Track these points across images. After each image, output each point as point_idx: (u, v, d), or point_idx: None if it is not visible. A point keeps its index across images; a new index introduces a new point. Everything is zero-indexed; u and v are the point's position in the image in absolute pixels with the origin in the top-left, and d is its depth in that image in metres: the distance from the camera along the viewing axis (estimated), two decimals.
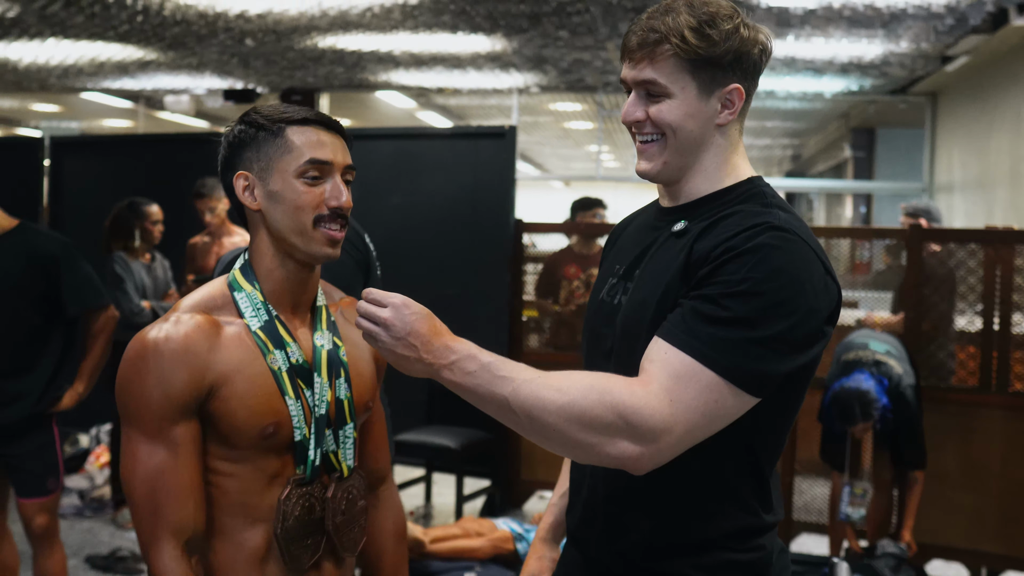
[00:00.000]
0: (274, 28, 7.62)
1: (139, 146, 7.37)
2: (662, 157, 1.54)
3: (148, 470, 1.51)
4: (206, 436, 1.57)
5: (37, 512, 3.49)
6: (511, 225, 5.66)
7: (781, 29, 7.25)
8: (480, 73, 9.49)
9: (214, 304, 1.61)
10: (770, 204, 1.50)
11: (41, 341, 3.52)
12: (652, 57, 1.50)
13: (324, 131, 1.61)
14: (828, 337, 1.46)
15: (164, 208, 5.41)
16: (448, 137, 6.21)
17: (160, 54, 8.73)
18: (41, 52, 8.62)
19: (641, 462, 1.39)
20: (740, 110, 1.54)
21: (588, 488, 1.60)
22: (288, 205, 1.58)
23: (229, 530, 1.59)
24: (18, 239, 3.47)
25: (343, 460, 1.66)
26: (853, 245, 6.14)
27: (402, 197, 5.87)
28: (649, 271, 1.54)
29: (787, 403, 1.50)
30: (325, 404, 1.63)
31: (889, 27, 7.04)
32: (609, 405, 1.37)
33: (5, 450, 3.49)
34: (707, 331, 1.39)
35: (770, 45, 1.55)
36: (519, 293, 5.67)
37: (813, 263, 1.43)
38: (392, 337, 1.43)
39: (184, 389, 1.52)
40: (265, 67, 9.36)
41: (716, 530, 1.49)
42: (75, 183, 6.81)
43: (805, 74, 9.01)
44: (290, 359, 1.60)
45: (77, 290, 3.51)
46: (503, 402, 1.40)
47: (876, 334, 4.40)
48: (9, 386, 3.46)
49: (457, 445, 5.13)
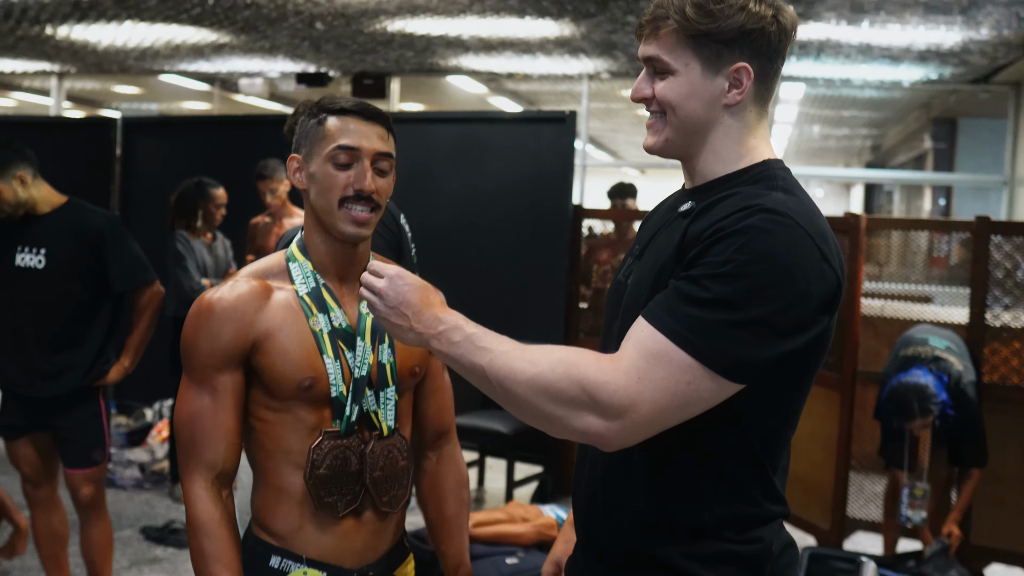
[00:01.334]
0: (343, 12, 7.67)
1: (209, 127, 7.50)
2: (663, 134, 1.52)
3: (191, 411, 1.72)
4: (252, 387, 1.75)
5: (83, 483, 3.60)
6: (569, 211, 5.62)
7: (855, 15, 7.06)
8: (549, 59, 9.43)
9: (270, 272, 1.79)
10: (774, 187, 1.46)
11: (89, 316, 3.61)
12: (656, 33, 1.49)
13: (360, 120, 1.77)
14: (823, 326, 1.41)
15: (230, 189, 5.50)
16: (509, 122, 6.18)
17: (233, 37, 8.85)
18: (119, 34, 8.80)
19: (607, 438, 1.38)
20: (753, 92, 1.50)
21: (589, 468, 1.59)
22: (320, 186, 1.75)
23: (272, 475, 1.75)
24: (66, 216, 3.56)
25: (383, 420, 1.78)
26: (931, 238, 5.97)
27: (463, 181, 5.87)
28: (651, 251, 1.54)
29: (784, 391, 1.46)
30: (367, 366, 1.77)
31: (968, 13, 6.80)
32: (575, 379, 1.37)
33: (54, 422, 3.59)
34: (685, 311, 1.36)
35: (791, 24, 1.50)
36: (577, 279, 5.64)
37: (807, 248, 1.38)
38: (386, 306, 1.53)
39: (230, 342, 1.70)
40: (336, 51, 9.43)
41: (711, 517, 1.46)
42: (146, 163, 6.96)
43: (881, 62, 8.77)
44: (332, 323, 1.76)
45: (124, 266, 3.58)
46: (480, 372, 1.44)
47: (937, 330, 4.29)
48: (59, 359, 3.56)
49: (509, 430, 5.13)
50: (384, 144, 1.77)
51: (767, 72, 1.51)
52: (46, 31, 8.72)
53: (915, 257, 5.79)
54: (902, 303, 5.68)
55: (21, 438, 3.61)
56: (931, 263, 7.28)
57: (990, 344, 4.50)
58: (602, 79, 10.52)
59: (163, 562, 4.49)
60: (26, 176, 3.50)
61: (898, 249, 5.65)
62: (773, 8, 1.48)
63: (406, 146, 6.10)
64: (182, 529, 4.71)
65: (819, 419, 4.61)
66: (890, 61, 8.72)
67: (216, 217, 5.33)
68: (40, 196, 3.55)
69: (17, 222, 3.55)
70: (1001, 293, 4.50)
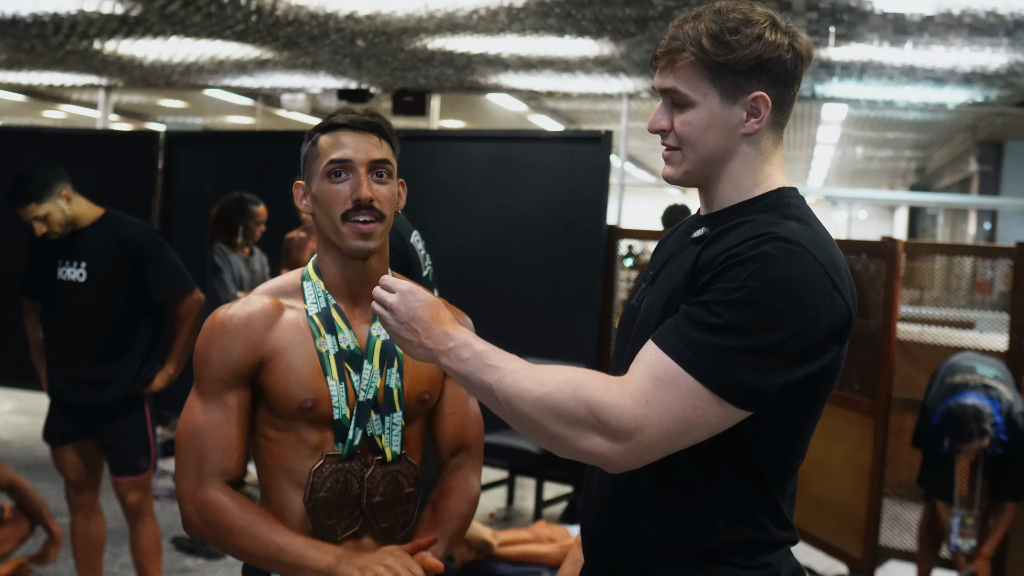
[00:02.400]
0: (383, 29, 7.74)
1: (250, 142, 7.59)
2: (683, 167, 1.53)
3: (200, 424, 1.71)
4: (258, 405, 1.75)
5: (129, 489, 3.68)
6: (604, 230, 5.61)
7: (898, 36, 6.99)
8: (589, 77, 9.45)
9: (284, 291, 1.79)
10: (788, 215, 1.46)
11: (132, 325, 3.67)
12: (673, 65, 1.49)
13: (350, 133, 1.75)
14: (832, 355, 1.41)
15: (269, 203, 5.56)
16: (545, 141, 6.20)
17: (276, 53, 8.96)
18: (164, 49, 8.95)
19: (612, 460, 1.38)
20: (770, 119, 1.50)
21: (597, 488, 1.59)
22: (322, 204, 1.74)
23: (275, 493, 1.75)
24: (105, 227, 3.62)
25: (387, 445, 1.76)
26: (975, 263, 5.87)
27: (499, 199, 5.89)
28: (665, 276, 1.54)
29: (793, 419, 1.46)
30: (373, 390, 1.75)
31: (1014, 35, 6.71)
32: (582, 400, 1.37)
33: (100, 430, 3.66)
34: (695, 336, 1.37)
35: (806, 50, 1.50)
36: (610, 299, 5.62)
37: (818, 277, 1.38)
38: (397, 321, 1.53)
39: (239, 359, 1.71)
40: (377, 67, 9.51)
41: (719, 542, 1.46)
42: (188, 176, 7.05)
43: (925, 84, 8.68)
44: (340, 344, 1.74)
45: (162, 276, 3.62)
46: (489, 390, 1.44)
47: (982, 358, 4.21)
48: (103, 370, 3.63)
49: (539, 449, 5.11)
50: (379, 151, 1.75)
51: (783, 99, 1.51)
52: (94, 45, 8.88)
53: (959, 282, 5.72)
54: (941, 329, 5.60)
55: (67, 445, 3.69)
56: (975, 288, 7.17)
57: None
58: (642, 98, 10.52)
59: (193, 572, 4.53)
60: (69, 192, 3.58)
61: (941, 274, 5.57)
62: (788, 35, 1.48)
63: (443, 163, 6.16)
64: None
65: (853, 446, 4.55)
66: (934, 83, 8.63)
67: (256, 233, 5.39)
68: (80, 211, 3.62)
69: (58, 236, 3.61)
70: None
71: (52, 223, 3.54)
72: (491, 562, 4.08)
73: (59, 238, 3.61)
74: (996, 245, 5.54)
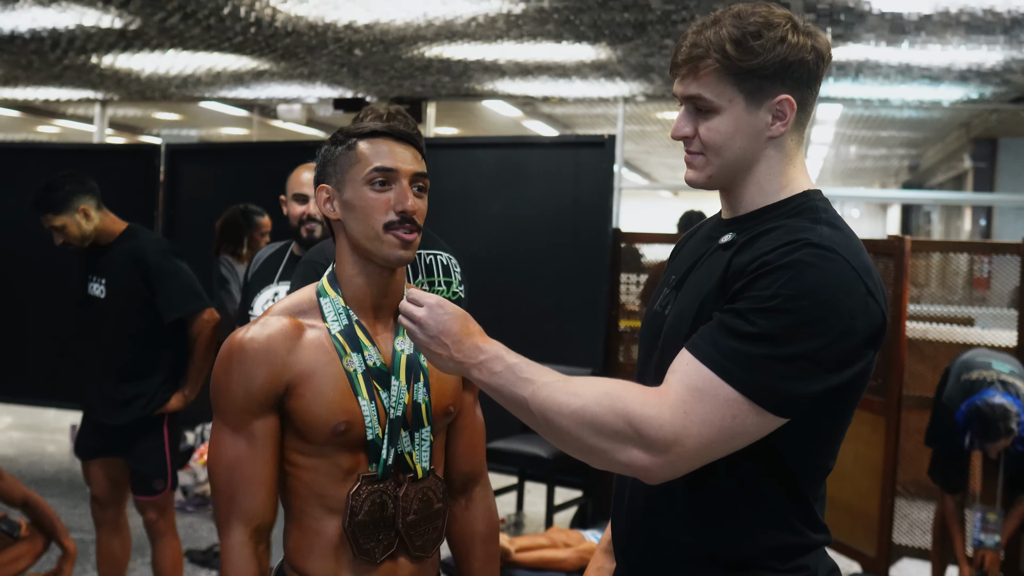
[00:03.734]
0: (381, 38, 7.75)
1: (252, 154, 7.59)
2: (706, 171, 1.53)
3: (228, 459, 1.65)
4: (285, 430, 1.68)
5: (147, 508, 3.70)
6: (610, 234, 5.63)
7: (895, 36, 7.02)
8: (585, 82, 9.47)
9: (301, 309, 1.72)
10: (819, 220, 1.47)
11: (152, 345, 3.65)
12: (696, 72, 1.49)
13: (393, 142, 1.70)
14: (867, 360, 1.41)
15: (272, 214, 5.56)
16: (549, 146, 6.21)
17: (273, 64, 8.97)
18: (161, 63, 8.95)
19: (652, 471, 1.38)
20: (794, 121, 1.50)
21: (629, 497, 1.59)
22: (360, 212, 1.68)
23: (307, 519, 1.69)
24: (123, 245, 3.63)
25: (418, 461, 1.72)
26: (971, 260, 5.89)
27: (503, 205, 5.89)
28: (693, 282, 1.53)
29: (828, 424, 1.46)
30: (402, 407, 1.70)
31: (1011, 33, 6.75)
32: (620, 412, 1.37)
33: (123, 448, 3.66)
34: (731, 345, 1.36)
35: (826, 50, 1.50)
36: (616, 303, 5.63)
37: (852, 283, 1.39)
38: (426, 335, 1.51)
39: (263, 386, 1.64)
40: (374, 76, 9.53)
41: (755, 548, 1.46)
42: (190, 189, 7.05)
43: (921, 82, 8.71)
44: (367, 362, 1.69)
45: (171, 296, 3.59)
46: (523, 403, 1.44)
47: (996, 354, 4.20)
48: (126, 389, 3.62)
49: (549, 454, 5.12)
50: (419, 165, 1.71)
51: (807, 100, 1.52)
52: (92, 60, 8.88)
53: (955, 279, 5.74)
54: (946, 326, 5.62)
55: (95, 460, 3.71)
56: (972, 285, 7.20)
57: None
58: (637, 102, 10.54)
59: None
60: (89, 209, 3.57)
61: (938, 270, 5.59)
62: (809, 36, 1.48)
63: (445, 171, 6.17)
64: None
65: (864, 444, 4.56)
66: (930, 81, 8.66)
67: (261, 244, 5.40)
68: (103, 226, 3.61)
69: (89, 251, 3.63)
70: None
71: (68, 235, 3.55)
72: (509, 568, 4.09)
73: (90, 253, 3.63)
74: (1002, 242, 5.57)
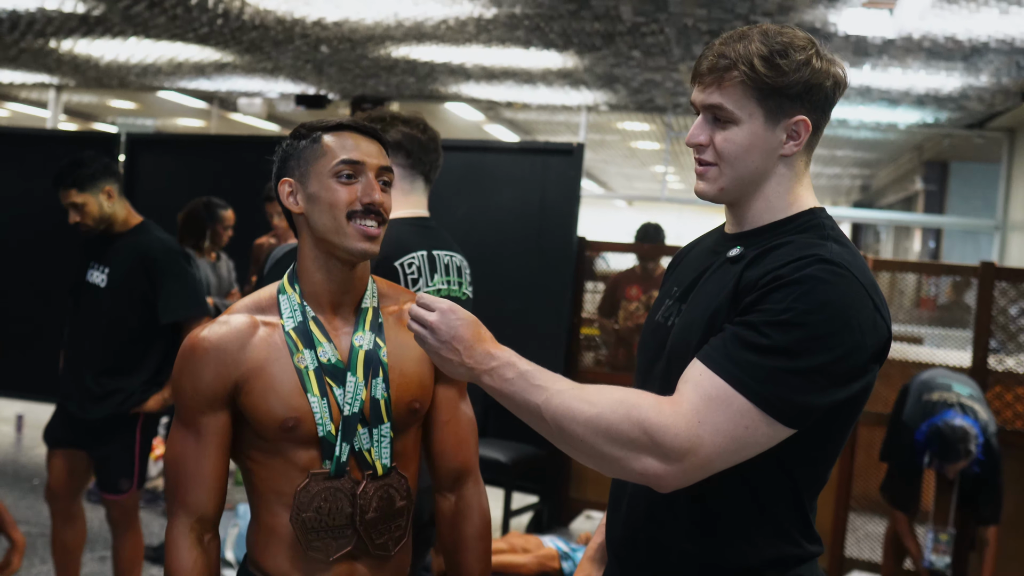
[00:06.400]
0: (349, 36, 7.72)
1: (213, 146, 7.49)
2: (719, 183, 1.55)
3: (176, 453, 1.69)
4: (242, 428, 1.69)
5: (111, 507, 3.66)
6: (575, 243, 5.65)
7: (858, 58, 7.16)
8: (550, 89, 9.51)
9: (260, 306, 1.73)
10: (827, 236, 1.50)
11: (142, 342, 3.58)
12: (720, 83, 1.50)
13: (358, 135, 1.71)
14: (873, 375, 1.45)
15: (233, 208, 5.50)
16: (516, 152, 6.22)
17: (236, 57, 8.88)
18: (123, 50, 8.82)
19: (665, 480, 1.40)
20: (807, 142, 1.53)
21: (628, 505, 1.60)
22: (324, 204, 1.68)
23: (265, 515, 1.70)
24: (134, 238, 3.57)
25: (377, 458, 1.70)
26: (920, 280, 6.02)
27: (468, 209, 5.88)
28: (701, 295, 1.55)
29: (830, 436, 1.49)
30: (359, 403, 1.68)
31: (970, 60, 6.91)
32: (636, 421, 1.38)
33: (90, 444, 3.60)
34: (744, 357, 1.39)
35: (844, 78, 1.54)
36: (579, 311, 5.66)
37: (862, 299, 1.42)
38: (437, 340, 1.51)
39: (211, 383, 1.66)
40: (338, 74, 9.48)
41: (756, 557, 1.49)
42: (149, 180, 6.94)
43: (880, 104, 8.89)
44: (320, 358, 1.68)
45: (172, 299, 3.53)
46: (536, 410, 1.44)
47: (956, 375, 4.22)
48: (107, 382, 3.55)
49: (508, 460, 5.12)
50: (384, 159, 1.72)
51: (820, 123, 1.55)
52: (50, 44, 8.73)
53: (901, 298, 5.85)
54: (897, 344, 5.73)
55: (58, 449, 3.64)
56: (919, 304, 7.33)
57: (992, 389, 4.54)
58: (600, 111, 10.61)
59: None
60: (113, 191, 3.53)
61: (886, 290, 5.70)
62: (831, 64, 1.52)
63: None
64: None
65: None
66: (888, 104, 8.84)
67: (223, 238, 5.34)
68: (120, 215, 3.56)
69: (95, 238, 3.57)
70: (1005, 338, 4.55)
71: (87, 214, 3.48)
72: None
73: (97, 240, 3.57)
74: (961, 264, 5.68)
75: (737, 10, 6.15)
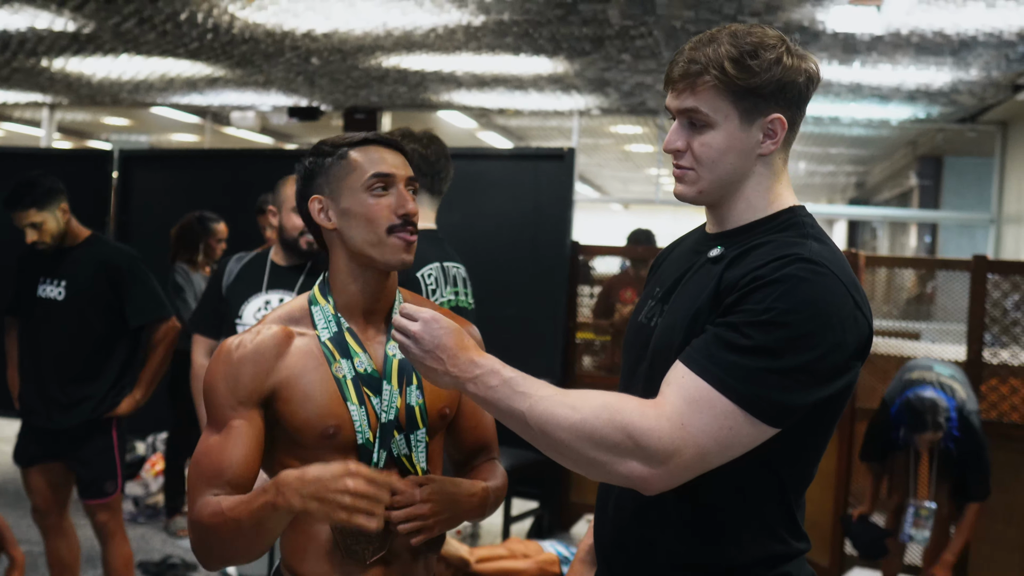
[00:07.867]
0: (339, 47, 7.73)
1: (206, 161, 7.51)
2: (698, 186, 1.56)
3: (203, 448, 1.68)
4: (277, 435, 1.71)
5: (97, 511, 3.69)
6: (568, 247, 5.66)
7: (847, 55, 7.17)
8: (541, 95, 9.53)
9: (292, 317, 1.75)
10: (806, 235, 1.50)
11: (106, 349, 3.67)
12: (694, 87, 1.51)
13: (383, 149, 1.74)
14: (855, 372, 1.46)
15: (226, 221, 5.52)
16: (508, 158, 6.24)
17: (228, 71, 8.90)
18: (114, 67, 8.84)
19: (651, 483, 1.40)
20: (783, 139, 1.54)
21: (615, 507, 1.60)
22: (361, 218, 1.70)
23: (301, 522, 1.70)
24: (90, 249, 3.66)
25: (416, 463, 1.73)
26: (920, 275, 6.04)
27: (461, 216, 5.89)
28: (683, 295, 1.55)
29: (815, 434, 1.50)
30: (394, 410, 1.72)
31: (959, 55, 6.93)
32: (619, 425, 1.39)
33: (67, 453, 3.65)
34: (726, 358, 1.39)
35: (817, 72, 1.54)
36: (574, 315, 5.67)
37: (842, 297, 1.43)
38: (421, 350, 1.52)
39: (247, 383, 1.67)
40: (330, 85, 9.50)
41: (744, 555, 1.49)
42: (142, 195, 6.95)
43: (871, 101, 8.90)
44: (356, 368, 1.71)
45: (140, 302, 3.65)
46: (520, 417, 1.45)
47: (940, 360, 4.31)
48: (74, 391, 3.63)
49: (507, 465, 5.11)
50: (409, 169, 1.76)
51: (796, 120, 1.55)
52: (42, 63, 8.74)
53: (899, 294, 5.86)
54: (895, 340, 5.73)
55: (34, 466, 3.67)
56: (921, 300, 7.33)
57: (987, 381, 4.55)
58: (592, 115, 10.62)
59: None
60: (66, 207, 3.63)
61: (882, 285, 5.70)
62: (802, 59, 1.53)
63: None
64: (180, 564, 4.67)
65: None
66: (879, 100, 8.85)
67: (216, 251, 5.36)
68: (70, 229, 3.65)
69: (42, 254, 3.64)
70: (999, 331, 4.56)
71: (45, 232, 3.57)
72: None
73: (44, 256, 3.63)
74: (954, 258, 5.69)
75: (724, 11, 6.16)
